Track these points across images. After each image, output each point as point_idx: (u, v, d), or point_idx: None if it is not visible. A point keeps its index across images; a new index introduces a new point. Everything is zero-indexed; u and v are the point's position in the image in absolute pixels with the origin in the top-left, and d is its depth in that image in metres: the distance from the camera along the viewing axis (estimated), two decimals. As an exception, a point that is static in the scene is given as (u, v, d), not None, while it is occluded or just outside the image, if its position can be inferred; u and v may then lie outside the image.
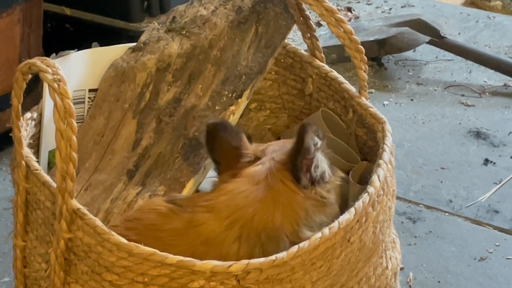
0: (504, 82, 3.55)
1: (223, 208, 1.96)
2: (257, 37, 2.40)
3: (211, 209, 1.97)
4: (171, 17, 2.43)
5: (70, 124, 1.93)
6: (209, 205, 1.97)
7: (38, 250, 2.13)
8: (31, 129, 2.32)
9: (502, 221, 2.82)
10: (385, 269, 2.26)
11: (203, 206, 1.98)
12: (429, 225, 2.81)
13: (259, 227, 1.95)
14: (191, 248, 1.94)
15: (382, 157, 2.19)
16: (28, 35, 3.02)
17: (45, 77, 1.98)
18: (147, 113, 2.31)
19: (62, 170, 1.94)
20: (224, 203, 1.97)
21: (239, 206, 1.95)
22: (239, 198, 1.96)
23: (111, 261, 1.94)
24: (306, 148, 1.96)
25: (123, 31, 3.36)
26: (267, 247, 1.95)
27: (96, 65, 2.38)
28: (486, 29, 3.92)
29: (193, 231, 1.95)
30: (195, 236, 1.95)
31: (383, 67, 3.65)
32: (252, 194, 1.97)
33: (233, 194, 1.98)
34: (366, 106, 2.36)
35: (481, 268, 2.64)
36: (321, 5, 2.32)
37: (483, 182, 3.00)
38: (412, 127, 3.30)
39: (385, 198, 2.18)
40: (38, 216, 2.12)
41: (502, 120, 3.33)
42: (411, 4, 4.11)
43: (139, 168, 2.25)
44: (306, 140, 1.95)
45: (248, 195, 1.97)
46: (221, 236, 1.95)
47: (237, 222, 1.95)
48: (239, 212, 1.95)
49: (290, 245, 1.92)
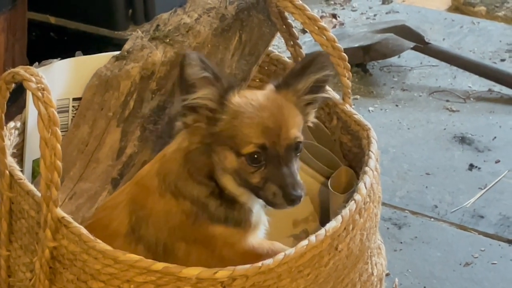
0: (488, 87, 3.57)
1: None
2: (241, 45, 2.41)
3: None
4: (155, 25, 2.43)
5: (55, 133, 1.93)
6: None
7: (23, 259, 2.13)
8: (15, 138, 2.32)
9: (487, 226, 2.84)
10: (371, 275, 2.26)
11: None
12: (415, 230, 2.82)
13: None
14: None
15: (368, 164, 2.20)
16: (13, 44, 3.02)
17: (29, 86, 1.98)
18: (131, 121, 2.31)
19: (47, 179, 1.95)
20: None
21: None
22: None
23: (96, 269, 1.95)
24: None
25: (107, 39, 3.36)
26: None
27: (80, 74, 2.38)
28: (470, 35, 3.94)
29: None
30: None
31: (368, 73, 3.67)
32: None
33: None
34: (350, 113, 2.38)
35: (466, 273, 2.65)
36: (303, 14, 2.34)
37: (468, 187, 3.01)
38: (397, 133, 3.31)
39: (372, 205, 2.19)
40: (22, 225, 2.12)
41: (487, 125, 3.34)
42: (395, 10, 4.12)
43: (124, 177, 2.25)
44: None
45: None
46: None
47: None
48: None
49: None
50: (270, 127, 1.93)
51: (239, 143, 1.93)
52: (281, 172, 1.93)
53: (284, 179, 1.93)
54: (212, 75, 1.93)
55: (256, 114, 1.93)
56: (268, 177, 1.94)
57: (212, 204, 2.01)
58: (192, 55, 1.91)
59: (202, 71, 1.92)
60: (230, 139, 1.94)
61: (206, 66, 1.92)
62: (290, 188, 1.92)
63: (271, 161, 1.94)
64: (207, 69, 1.92)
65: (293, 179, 1.93)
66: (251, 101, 1.95)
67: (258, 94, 1.99)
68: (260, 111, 1.94)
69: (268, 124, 1.93)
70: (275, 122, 1.94)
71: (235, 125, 1.93)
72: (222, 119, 1.94)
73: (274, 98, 1.98)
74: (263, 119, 1.93)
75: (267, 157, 1.93)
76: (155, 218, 2.03)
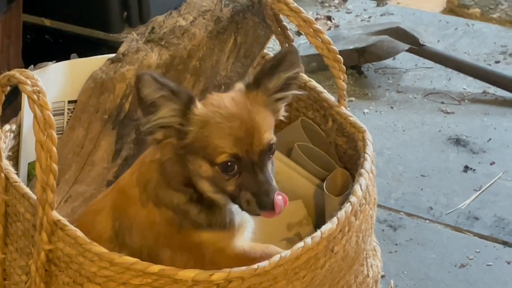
0: (483, 89, 3.58)
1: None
2: (236, 47, 2.41)
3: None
4: (150, 28, 2.43)
5: (50, 136, 1.93)
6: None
7: (18, 262, 2.13)
8: (10, 141, 2.32)
9: (482, 228, 2.84)
10: (366, 277, 2.27)
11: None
12: (410, 232, 2.83)
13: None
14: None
15: (364, 166, 2.21)
16: (7, 47, 3.02)
17: (24, 88, 1.98)
18: (127, 124, 2.31)
19: (43, 182, 1.95)
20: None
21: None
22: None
23: (92, 271, 1.95)
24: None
25: (103, 42, 3.36)
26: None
27: (75, 77, 2.38)
28: (465, 37, 3.94)
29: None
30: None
31: (363, 75, 3.67)
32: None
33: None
34: (345, 115, 2.38)
35: (461, 275, 2.66)
36: (298, 16, 2.34)
37: (463, 189, 3.01)
38: (392, 134, 3.31)
39: (367, 207, 2.20)
40: (17, 228, 2.12)
41: (482, 127, 3.35)
42: (390, 12, 4.13)
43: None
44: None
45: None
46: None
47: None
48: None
49: None
50: (241, 136, 1.90)
51: (211, 153, 1.91)
52: (255, 179, 1.91)
53: (258, 186, 1.91)
54: (169, 91, 1.89)
55: (226, 124, 1.90)
56: (243, 185, 1.92)
57: (193, 210, 1.99)
58: (145, 76, 1.88)
59: (158, 90, 1.89)
60: (202, 149, 1.92)
61: (161, 84, 1.89)
62: (263, 195, 1.90)
63: (245, 168, 1.91)
64: (163, 87, 1.89)
65: (267, 185, 1.91)
66: (219, 109, 1.92)
67: (225, 100, 1.95)
68: (230, 120, 1.91)
69: (239, 134, 1.90)
70: (247, 130, 1.91)
71: (205, 135, 1.91)
72: (190, 130, 1.92)
73: (244, 103, 1.94)
74: (234, 129, 1.90)
75: (240, 164, 1.91)
76: (138, 227, 2.02)
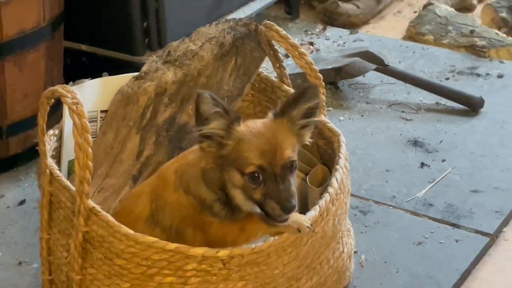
0: (436, 100, 3.57)
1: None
2: (236, 67, 2.41)
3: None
4: (167, 51, 2.43)
5: (86, 139, 1.94)
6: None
7: (60, 241, 2.13)
8: (53, 143, 2.32)
9: (436, 212, 2.84)
10: (342, 252, 2.27)
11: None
12: (377, 216, 2.82)
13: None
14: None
15: (339, 163, 2.21)
16: (51, 67, 3.01)
17: (65, 101, 1.99)
18: (148, 129, 2.31)
19: (80, 176, 1.95)
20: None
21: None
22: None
23: (120, 249, 1.95)
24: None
25: (128, 63, 3.35)
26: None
27: (106, 91, 2.38)
28: (421, 58, 3.93)
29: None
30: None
31: (339, 89, 3.66)
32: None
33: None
34: (324, 121, 2.38)
35: (419, 251, 2.65)
36: (287, 42, 2.35)
37: (420, 181, 3.01)
38: (363, 138, 3.31)
39: (342, 196, 2.20)
40: (60, 214, 2.12)
41: (435, 131, 3.34)
42: (361, 39, 4.12)
43: (142, 174, 2.24)
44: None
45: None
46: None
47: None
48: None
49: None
50: (266, 150, 1.90)
51: (242, 164, 1.90)
52: (278, 189, 1.89)
53: (280, 194, 1.89)
54: (222, 109, 1.91)
55: (254, 140, 1.91)
56: (268, 193, 1.90)
57: (217, 207, 1.98)
58: (205, 94, 1.89)
59: (214, 107, 1.90)
60: (235, 161, 1.91)
61: (217, 103, 1.90)
62: (285, 202, 1.88)
63: (269, 179, 1.90)
64: (218, 104, 1.90)
65: (288, 192, 1.89)
66: (251, 129, 1.93)
67: (258, 123, 1.96)
68: (258, 137, 1.91)
69: (264, 148, 1.90)
70: (271, 145, 1.91)
71: (238, 150, 1.91)
72: (228, 144, 1.92)
73: (270, 126, 1.95)
74: (260, 144, 1.90)
75: (265, 175, 1.89)
76: (169, 208, 2.02)
